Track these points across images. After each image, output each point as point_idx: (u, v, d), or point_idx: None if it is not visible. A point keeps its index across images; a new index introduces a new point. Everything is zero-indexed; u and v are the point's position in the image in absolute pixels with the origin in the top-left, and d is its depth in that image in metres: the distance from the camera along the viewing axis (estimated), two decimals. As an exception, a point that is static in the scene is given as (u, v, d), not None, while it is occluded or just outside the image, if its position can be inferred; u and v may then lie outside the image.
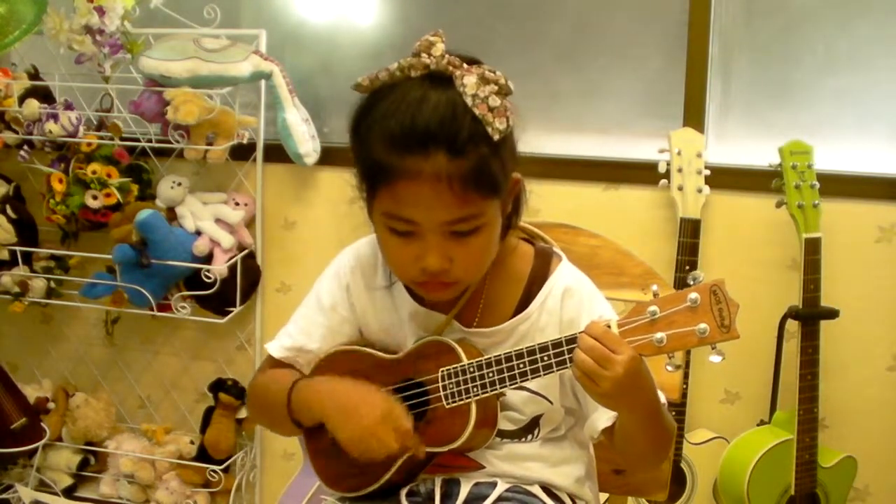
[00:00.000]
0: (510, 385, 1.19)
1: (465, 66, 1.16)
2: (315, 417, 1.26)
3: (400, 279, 1.27)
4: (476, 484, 1.27)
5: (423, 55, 1.17)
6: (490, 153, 1.14)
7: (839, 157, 2.20)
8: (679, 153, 2.16)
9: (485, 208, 1.16)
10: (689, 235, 2.15)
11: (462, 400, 1.21)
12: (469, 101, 1.13)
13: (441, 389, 1.22)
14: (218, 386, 2.57)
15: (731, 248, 2.27)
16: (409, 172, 1.12)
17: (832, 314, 2.09)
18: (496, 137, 1.14)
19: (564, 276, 1.29)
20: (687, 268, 2.13)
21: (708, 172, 2.17)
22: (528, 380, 1.18)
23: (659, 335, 1.09)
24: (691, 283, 1.09)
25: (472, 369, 1.20)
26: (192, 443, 2.63)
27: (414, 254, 1.17)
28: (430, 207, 1.13)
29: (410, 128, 1.12)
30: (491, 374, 1.19)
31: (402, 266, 1.21)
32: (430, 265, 1.16)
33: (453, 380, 1.22)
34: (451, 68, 1.15)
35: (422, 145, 1.11)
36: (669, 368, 1.14)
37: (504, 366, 1.18)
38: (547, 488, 1.29)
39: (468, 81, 1.14)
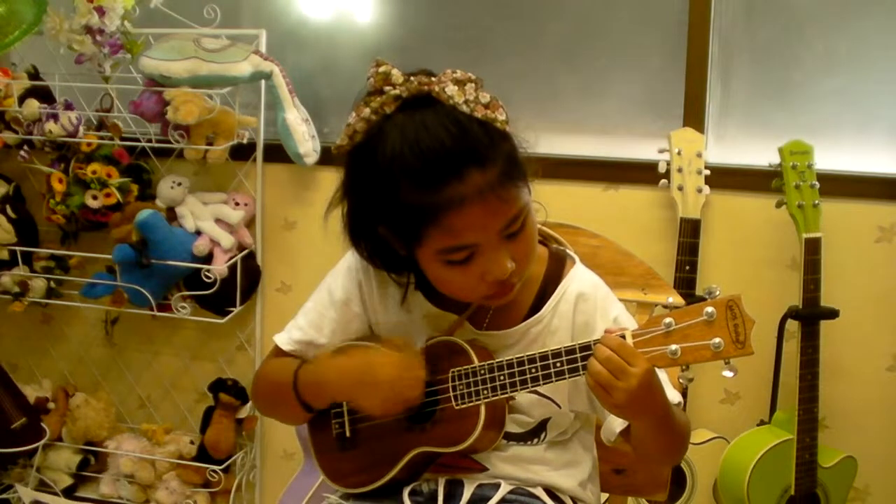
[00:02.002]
0: (521, 389, 1.19)
1: (432, 79, 1.15)
2: (329, 397, 1.27)
3: (466, 301, 1.25)
4: (479, 485, 1.27)
5: (387, 88, 1.14)
6: (508, 146, 1.15)
7: (839, 157, 2.20)
8: (679, 153, 2.16)
9: (524, 198, 1.16)
10: (689, 235, 2.15)
11: (472, 402, 1.21)
12: (465, 108, 1.12)
13: (451, 390, 1.22)
14: (218, 386, 2.57)
15: (731, 248, 2.27)
16: (452, 202, 1.09)
17: (832, 314, 2.09)
18: (506, 128, 1.14)
19: (578, 280, 1.28)
20: (687, 268, 2.14)
21: (708, 172, 2.17)
22: (539, 385, 1.18)
23: (673, 347, 1.09)
24: (707, 296, 1.09)
25: (483, 371, 1.20)
26: (192, 443, 2.63)
27: (478, 273, 1.16)
28: (486, 223, 1.12)
29: (431, 158, 1.10)
30: (502, 378, 1.19)
31: (469, 290, 1.20)
32: (499, 275, 1.15)
33: (464, 381, 1.21)
34: (425, 87, 1.13)
35: (452, 171, 1.09)
36: (682, 381, 1.14)
37: (516, 370, 1.18)
38: (550, 491, 1.29)
39: (451, 91, 1.12)
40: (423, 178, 1.10)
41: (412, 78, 1.14)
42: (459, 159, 1.09)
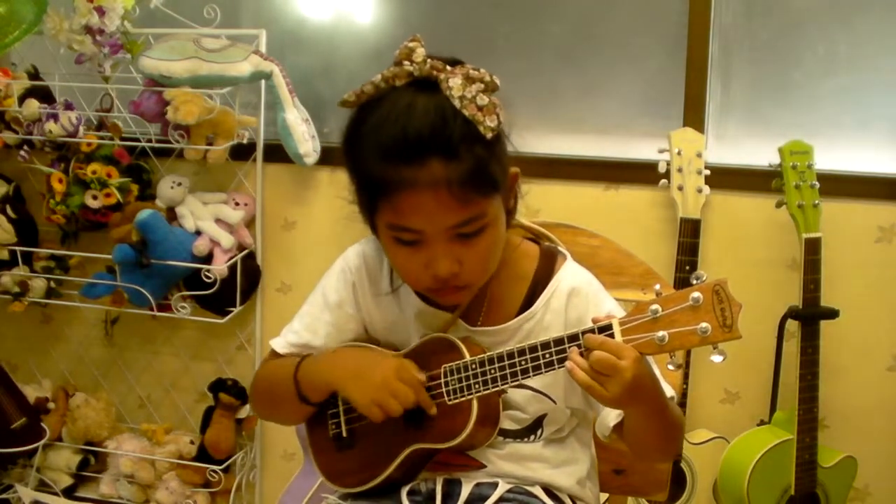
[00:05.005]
0: (512, 382, 1.19)
1: (448, 68, 1.16)
2: (326, 388, 1.28)
3: (413, 288, 1.27)
4: (477, 484, 1.27)
5: (405, 63, 1.16)
6: (485, 152, 1.14)
7: (839, 157, 2.20)
8: (679, 153, 2.16)
9: (487, 208, 1.16)
10: (689, 235, 2.15)
11: (464, 396, 1.21)
12: (457, 102, 1.13)
13: (443, 386, 1.23)
14: (218, 386, 2.57)
15: (731, 248, 2.27)
16: (406, 183, 1.12)
17: (832, 314, 2.09)
18: (489, 136, 1.13)
19: (570, 275, 1.29)
20: (687, 268, 2.14)
21: (708, 172, 2.17)
22: (529, 377, 1.18)
23: (661, 333, 1.09)
24: (694, 282, 1.09)
25: (474, 366, 1.21)
26: (192, 443, 2.63)
27: (422, 262, 1.17)
28: (433, 214, 1.13)
29: (402, 138, 1.12)
30: (493, 371, 1.19)
31: (412, 275, 1.21)
32: (439, 271, 1.17)
33: (455, 376, 1.22)
34: (434, 72, 1.15)
35: (416, 154, 1.11)
36: (671, 367, 1.14)
37: (506, 362, 1.18)
38: (548, 489, 1.29)
39: (454, 83, 1.14)
40: (389, 152, 1.13)
41: (429, 61, 1.16)
42: (427, 146, 1.11)
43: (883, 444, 2.25)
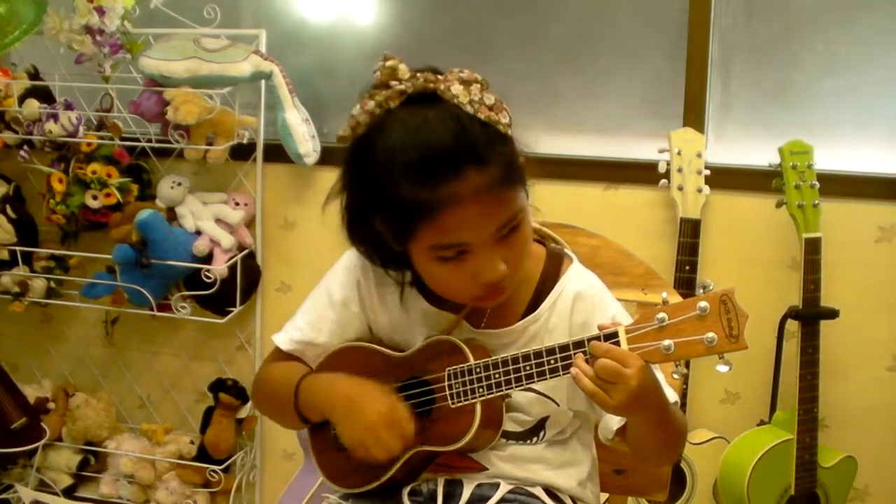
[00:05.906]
0: (516, 387, 1.19)
1: (438, 77, 1.15)
2: (321, 413, 1.27)
3: (458, 301, 1.25)
4: (478, 485, 1.27)
5: (393, 83, 1.14)
6: (506, 149, 1.14)
7: (839, 157, 2.20)
8: (679, 153, 2.16)
9: (520, 201, 1.16)
10: (689, 235, 2.15)
11: (467, 400, 1.21)
12: (469, 108, 1.12)
13: (447, 389, 1.22)
14: (218, 386, 2.57)
15: (731, 248, 2.27)
16: (448, 200, 1.09)
17: (832, 314, 2.09)
18: (508, 132, 1.14)
19: (576, 279, 1.28)
20: (687, 268, 2.14)
21: (708, 172, 2.17)
22: (534, 382, 1.18)
23: (667, 342, 1.09)
24: (701, 291, 1.08)
25: (478, 370, 1.20)
26: (192, 443, 2.63)
27: (470, 273, 1.16)
28: (480, 224, 1.12)
29: (430, 155, 1.09)
30: (497, 376, 1.19)
31: (460, 289, 1.19)
32: (491, 277, 1.15)
33: (459, 379, 1.21)
34: (430, 84, 1.13)
35: (450, 169, 1.09)
36: (676, 376, 1.14)
37: (511, 367, 1.18)
38: (549, 490, 1.29)
39: (456, 90, 1.12)
40: (420, 173, 1.09)
41: (418, 74, 1.15)
42: (459, 157, 1.09)
43: (883, 444, 2.25)
